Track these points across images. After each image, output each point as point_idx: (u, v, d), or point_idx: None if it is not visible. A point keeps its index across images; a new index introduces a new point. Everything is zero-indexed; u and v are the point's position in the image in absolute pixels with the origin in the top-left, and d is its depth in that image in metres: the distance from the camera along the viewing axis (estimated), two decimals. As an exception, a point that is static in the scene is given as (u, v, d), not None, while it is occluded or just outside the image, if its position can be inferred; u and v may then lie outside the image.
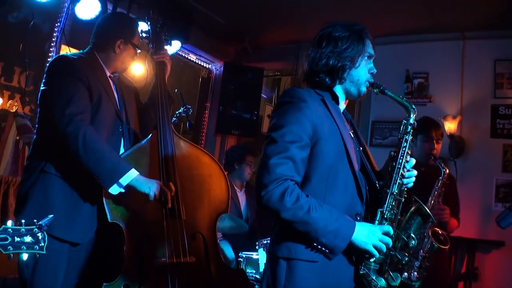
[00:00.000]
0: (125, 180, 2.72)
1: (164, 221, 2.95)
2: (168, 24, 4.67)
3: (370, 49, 2.29)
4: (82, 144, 2.64)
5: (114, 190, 2.72)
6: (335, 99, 2.28)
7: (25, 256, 1.86)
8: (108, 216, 2.83)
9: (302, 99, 2.12)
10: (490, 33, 5.39)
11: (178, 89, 4.03)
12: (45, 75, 2.88)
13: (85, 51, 3.09)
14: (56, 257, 2.70)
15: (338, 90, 2.30)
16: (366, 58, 2.27)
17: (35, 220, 1.89)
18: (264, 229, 4.99)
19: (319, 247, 2.01)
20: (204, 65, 7.15)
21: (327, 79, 2.24)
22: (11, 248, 1.81)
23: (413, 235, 2.20)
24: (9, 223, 1.84)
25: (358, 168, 2.18)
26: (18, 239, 1.82)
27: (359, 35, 2.26)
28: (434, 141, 3.90)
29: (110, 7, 4.69)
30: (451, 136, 5.33)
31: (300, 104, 2.10)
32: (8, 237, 1.81)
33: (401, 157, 2.21)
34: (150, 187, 2.80)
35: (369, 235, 2.03)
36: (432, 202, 3.62)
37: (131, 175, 2.75)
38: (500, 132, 5.29)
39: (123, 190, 2.75)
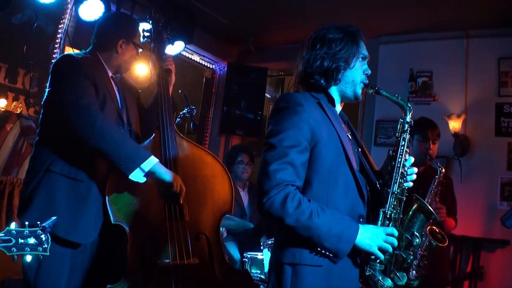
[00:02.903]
0: (147, 165, 2.71)
1: (167, 222, 2.95)
2: (172, 25, 4.68)
3: (364, 50, 2.29)
4: (100, 131, 2.63)
5: (136, 175, 2.71)
6: (331, 101, 2.28)
7: (28, 258, 1.86)
8: (112, 218, 2.83)
9: (298, 103, 2.12)
10: (494, 31, 5.38)
11: (181, 90, 4.04)
12: (50, 75, 2.88)
13: (87, 51, 3.10)
14: (60, 258, 2.70)
15: (334, 91, 2.30)
16: (360, 59, 2.27)
17: (38, 222, 1.90)
18: (271, 228, 4.99)
19: (323, 251, 2.01)
20: (208, 66, 7.16)
21: (322, 81, 2.24)
22: (15, 250, 1.81)
23: (416, 233, 2.20)
24: (13, 225, 1.85)
25: (357, 169, 2.18)
26: (22, 240, 1.83)
27: (353, 36, 2.26)
28: (430, 141, 3.91)
29: (113, 8, 4.70)
30: (456, 135, 5.32)
31: (296, 108, 2.10)
32: (12, 238, 1.82)
33: (400, 156, 2.21)
34: (171, 177, 2.80)
35: (373, 237, 2.03)
36: (429, 201, 3.62)
37: (153, 161, 2.74)
38: (505, 131, 5.28)
39: (144, 178, 2.74)
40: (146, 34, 3.54)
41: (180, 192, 2.89)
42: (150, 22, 3.60)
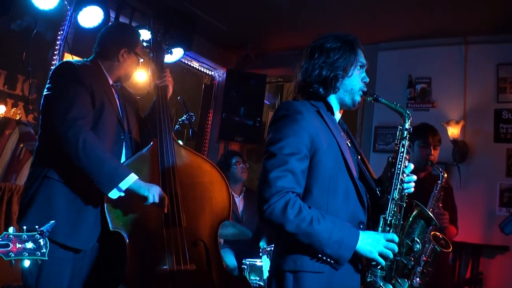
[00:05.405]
0: (124, 184, 2.73)
1: (164, 229, 2.95)
2: (171, 32, 4.70)
3: (362, 59, 2.31)
4: (82, 148, 2.64)
5: (114, 194, 2.73)
6: (330, 110, 2.29)
7: (27, 263, 1.85)
8: (110, 225, 2.84)
9: (298, 111, 2.13)
10: (492, 37, 5.38)
11: (180, 97, 4.03)
12: (48, 80, 2.90)
13: (89, 59, 3.13)
14: (61, 264, 2.71)
15: (333, 100, 2.31)
16: (358, 67, 2.29)
17: (36, 226, 1.89)
18: (270, 232, 4.98)
19: (324, 258, 2.01)
20: (207, 72, 7.17)
21: (320, 89, 2.25)
22: (13, 255, 1.80)
23: (417, 239, 2.21)
24: (11, 229, 1.83)
25: (357, 177, 2.19)
26: (20, 245, 1.82)
27: (350, 45, 2.28)
28: (431, 147, 3.88)
29: (112, 15, 4.71)
30: (454, 141, 5.32)
31: (296, 117, 2.11)
32: (9, 243, 1.80)
33: (400, 163, 2.22)
34: (149, 190, 2.81)
35: (374, 243, 2.04)
36: (431, 206, 3.61)
37: (131, 179, 2.76)
38: (504, 137, 5.27)
39: (122, 194, 2.76)
40: (145, 44, 3.58)
41: (162, 202, 2.88)
42: (150, 32, 3.62)
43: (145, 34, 3.66)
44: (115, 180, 2.71)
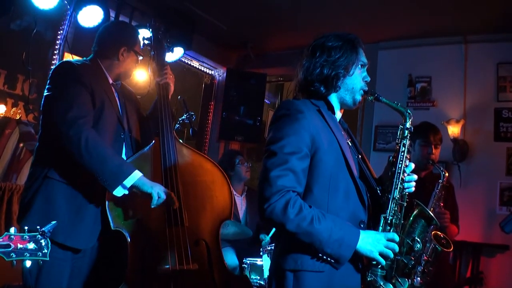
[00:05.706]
0: (129, 181, 2.72)
1: (166, 228, 2.95)
2: (171, 31, 4.69)
3: (363, 58, 2.30)
4: (85, 146, 2.64)
5: (119, 192, 2.72)
6: (331, 109, 2.29)
7: (28, 263, 1.85)
8: (111, 224, 2.83)
9: (299, 110, 2.13)
10: (492, 36, 5.38)
11: (181, 96, 4.03)
12: (48, 80, 2.90)
13: (88, 58, 3.12)
14: (60, 264, 2.70)
15: (333, 99, 2.31)
16: (359, 66, 2.28)
17: (38, 227, 1.89)
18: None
19: (324, 257, 2.01)
20: (207, 71, 7.17)
21: (322, 88, 2.25)
22: (14, 255, 1.80)
23: (417, 239, 2.21)
24: (12, 230, 1.83)
25: (357, 176, 2.18)
26: (21, 246, 1.82)
27: (352, 44, 2.28)
28: (433, 146, 3.86)
29: (112, 14, 4.70)
30: (455, 140, 5.32)
31: (297, 116, 2.11)
32: (11, 244, 1.80)
33: (400, 162, 2.22)
34: (153, 187, 2.80)
35: (374, 243, 2.04)
36: (432, 206, 3.60)
37: (135, 176, 2.75)
38: (504, 136, 5.28)
39: (127, 192, 2.75)
40: (146, 42, 3.57)
41: (170, 199, 2.88)
42: (150, 30, 3.62)
43: (145, 33, 3.64)
44: (120, 178, 2.71)
